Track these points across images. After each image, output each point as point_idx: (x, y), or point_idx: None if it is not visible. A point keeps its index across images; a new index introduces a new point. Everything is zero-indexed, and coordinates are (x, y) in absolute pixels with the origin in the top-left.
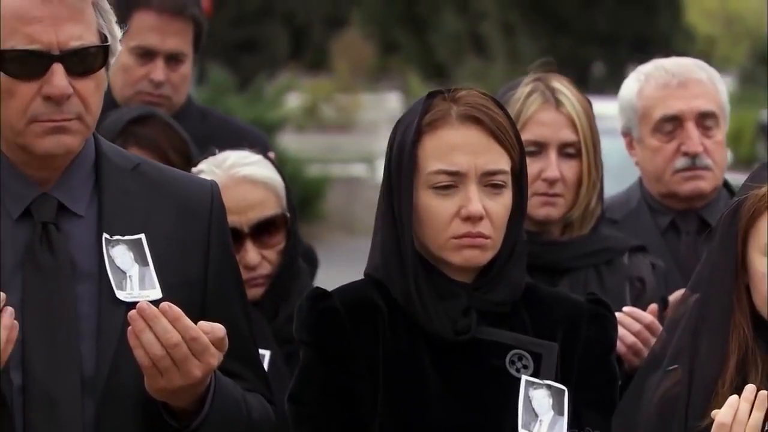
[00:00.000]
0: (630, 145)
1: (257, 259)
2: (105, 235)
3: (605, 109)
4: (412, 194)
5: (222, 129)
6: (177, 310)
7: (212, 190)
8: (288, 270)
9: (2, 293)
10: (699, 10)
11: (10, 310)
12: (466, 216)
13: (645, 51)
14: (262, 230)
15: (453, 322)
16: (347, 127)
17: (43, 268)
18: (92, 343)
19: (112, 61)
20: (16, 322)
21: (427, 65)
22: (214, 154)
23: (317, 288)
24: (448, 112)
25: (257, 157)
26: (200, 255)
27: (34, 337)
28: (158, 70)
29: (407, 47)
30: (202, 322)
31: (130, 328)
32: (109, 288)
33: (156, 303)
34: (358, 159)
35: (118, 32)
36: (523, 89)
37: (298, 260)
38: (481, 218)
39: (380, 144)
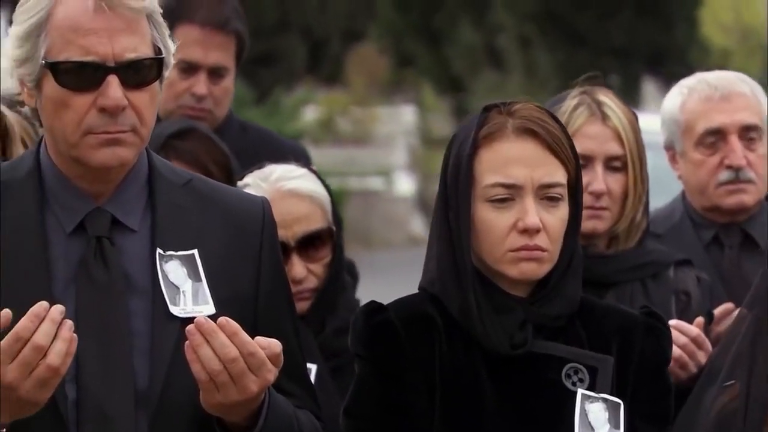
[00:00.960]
0: (673, 159)
1: (303, 273)
2: (158, 250)
3: None
4: (469, 208)
5: (262, 142)
6: (234, 325)
7: (264, 206)
8: (334, 283)
9: (61, 306)
10: (714, 23)
11: (69, 323)
12: (523, 229)
13: (661, 64)
14: (308, 244)
15: (509, 336)
16: (363, 140)
17: (96, 282)
18: (146, 358)
19: (166, 73)
20: (74, 335)
21: (443, 78)
22: (260, 167)
23: (372, 302)
24: (505, 125)
25: (303, 171)
26: (252, 271)
27: (88, 351)
28: (201, 84)
29: (422, 60)
30: (258, 338)
31: (187, 342)
32: (162, 303)
33: (210, 319)
34: (374, 172)
35: (172, 45)
36: (570, 102)
37: (344, 274)
38: (538, 231)
39: (397, 157)
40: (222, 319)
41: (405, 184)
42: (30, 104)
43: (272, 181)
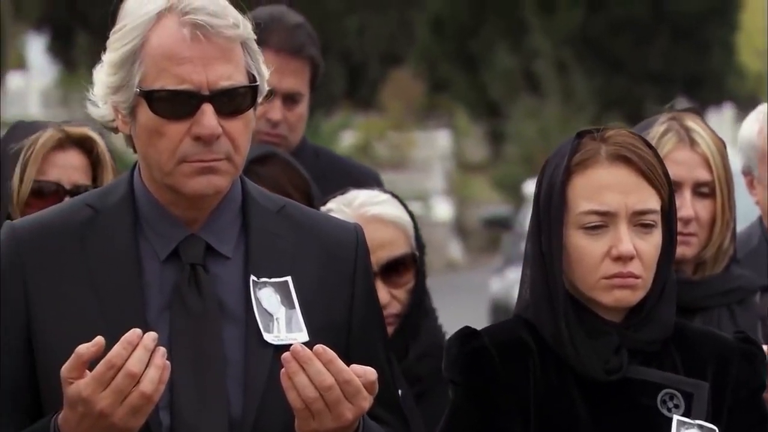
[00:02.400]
0: (750, 185)
1: (387, 299)
2: (252, 277)
3: None
4: (562, 234)
5: (334, 167)
6: (331, 352)
7: (357, 232)
8: (417, 309)
9: (154, 333)
10: (750, 49)
11: (162, 350)
12: (617, 256)
13: (697, 89)
14: (392, 270)
15: (604, 362)
16: (400, 165)
17: (190, 309)
18: (239, 386)
19: (260, 100)
20: (168, 362)
21: (478, 103)
22: (343, 192)
23: (467, 327)
24: (598, 151)
25: (386, 196)
26: (345, 298)
27: (181, 378)
28: (275, 110)
29: (457, 85)
30: (354, 365)
31: (283, 370)
32: (256, 330)
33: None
34: (412, 197)
35: (266, 72)
36: (658, 128)
37: (426, 299)
38: (631, 258)
39: (433, 182)
40: (318, 347)
41: (442, 209)
42: (124, 131)
43: (356, 207)
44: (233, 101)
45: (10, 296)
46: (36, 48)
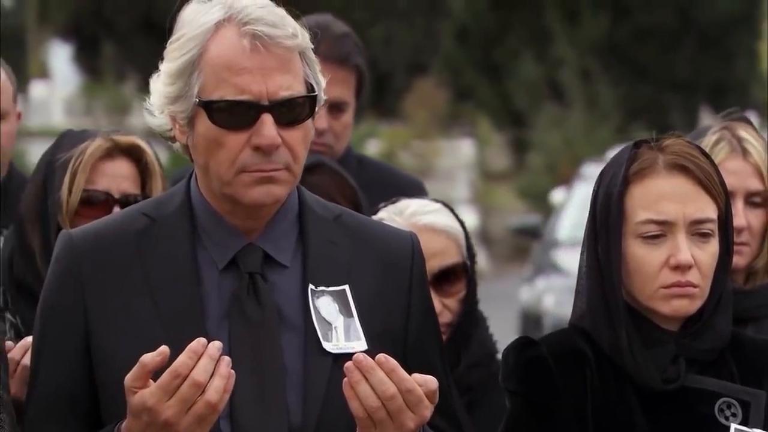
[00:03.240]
0: None
1: (438, 308)
2: (311, 286)
3: None
4: (620, 244)
5: (379, 176)
6: (393, 361)
7: (413, 241)
8: (468, 318)
9: (219, 342)
10: None
11: (227, 359)
12: (675, 265)
13: (721, 98)
14: (444, 279)
15: (661, 371)
16: (425, 173)
17: (249, 318)
18: (299, 394)
19: (318, 110)
20: (232, 371)
21: (502, 112)
22: (394, 201)
23: (523, 336)
24: (656, 161)
25: (437, 205)
26: (402, 306)
27: (241, 387)
28: (321, 119)
29: (481, 94)
30: (415, 374)
31: (346, 379)
32: (315, 339)
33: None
34: None
35: (323, 81)
36: (710, 138)
37: (477, 309)
38: (690, 267)
39: (458, 191)
40: (380, 356)
41: (467, 218)
42: (181, 141)
43: (408, 216)
44: (292, 111)
45: (67, 305)
46: (60, 57)
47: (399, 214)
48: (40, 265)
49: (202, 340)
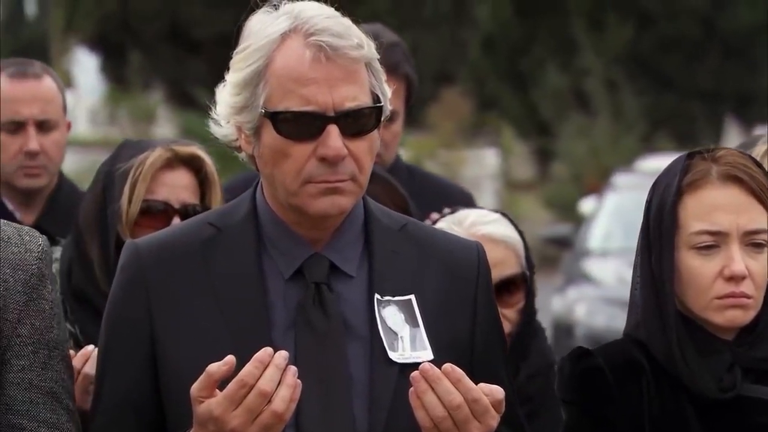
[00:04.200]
0: None
1: None
2: (376, 296)
3: None
4: (673, 255)
5: (428, 186)
6: (459, 371)
7: (479, 251)
8: (527, 328)
9: (285, 352)
10: None
11: (293, 369)
12: (729, 276)
13: (747, 108)
14: (503, 289)
15: (717, 380)
16: None
17: (315, 328)
18: (364, 404)
19: (384, 120)
20: (299, 381)
21: (527, 121)
22: (453, 212)
23: (579, 347)
24: (709, 172)
25: (496, 216)
26: (468, 316)
27: (307, 396)
28: None
29: (506, 103)
30: (481, 384)
31: (412, 389)
32: (381, 349)
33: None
34: None
35: (388, 92)
36: (761, 147)
37: (536, 319)
38: (744, 278)
39: (483, 200)
40: (447, 366)
41: None
42: (247, 151)
43: (467, 226)
44: (358, 122)
45: (133, 315)
46: (85, 65)
47: (458, 224)
48: (99, 275)
49: (269, 349)
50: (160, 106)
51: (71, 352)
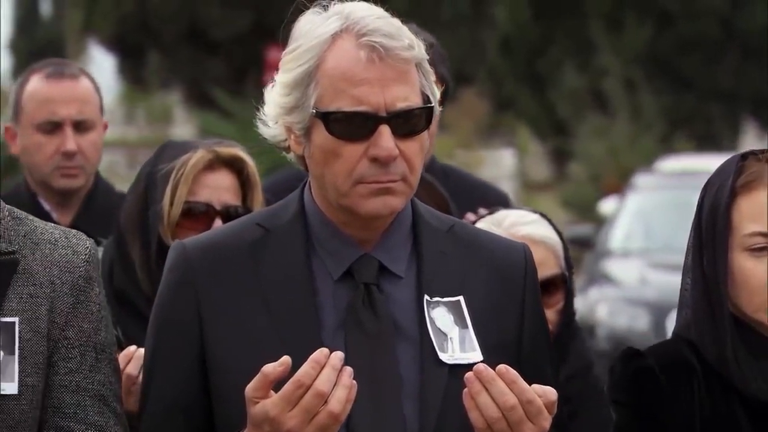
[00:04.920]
0: None
1: None
2: (426, 297)
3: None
4: (726, 256)
5: (465, 187)
6: (513, 372)
7: (525, 252)
8: (567, 329)
9: (341, 352)
10: None
11: (349, 369)
12: None
13: (766, 108)
14: (543, 290)
15: None
16: None
17: (365, 329)
18: (415, 404)
19: (434, 121)
20: (354, 382)
21: (546, 121)
22: (492, 212)
23: (630, 348)
24: (763, 173)
25: (536, 216)
26: (515, 317)
27: (358, 397)
28: None
29: (523, 104)
30: (535, 385)
31: (466, 389)
32: (430, 349)
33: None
34: None
35: (437, 92)
36: None
37: (575, 320)
38: None
39: None
40: (501, 367)
41: None
42: (297, 151)
43: (507, 226)
44: (409, 122)
45: (182, 316)
46: (102, 66)
47: (497, 225)
48: (141, 276)
49: (325, 350)
50: (176, 107)
51: None
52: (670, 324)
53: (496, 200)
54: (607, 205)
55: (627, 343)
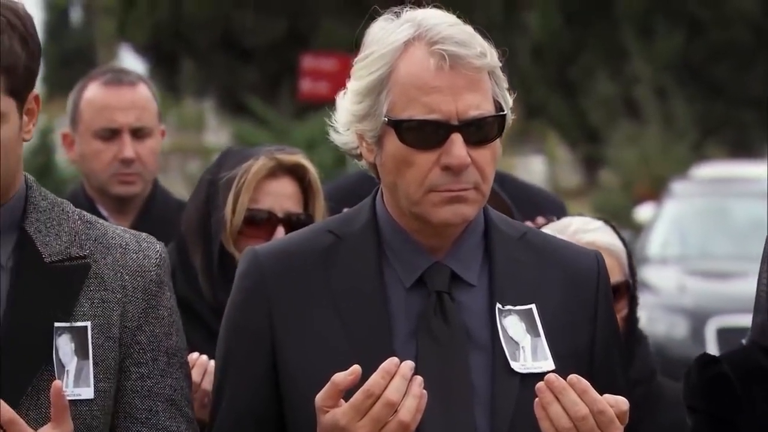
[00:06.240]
0: None
1: None
2: (498, 305)
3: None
4: None
5: (520, 194)
6: (585, 382)
7: (598, 260)
8: (631, 336)
9: (411, 362)
10: None
11: (419, 379)
12: None
13: None
14: None
15: None
16: None
17: (437, 337)
18: (486, 414)
19: (507, 129)
20: (424, 391)
21: (577, 129)
22: (545, 221)
23: (705, 354)
24: None
25: (599, 223)
26: (588, 326)
27: (429, 406)
28: None
29: (554, 111)
30: (607, 395)
31: (537, 399)
32: (502, 358)
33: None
34: None
35: (510, 99)
36: None
37: (639, 327)
38: None
39: None
40: (572, 377)
41: None
42: (369, 159)
43: (570, 234)
44: (481, 130)
45: (254, 323)
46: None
47: (561, 233)
48: (203, 283)
49: (395, 359)
50: (209, 114)
51: None
52: (709, 331)
53: (552, 207)
54: (642, 212)
55: (665, 351)
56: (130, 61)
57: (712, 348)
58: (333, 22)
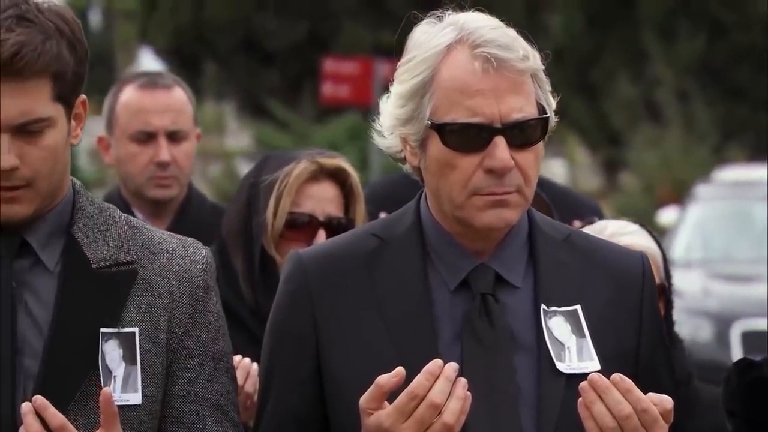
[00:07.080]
0: None
1: None
2: (543, 306)
3: None
4: None
5: (555, 196)
6: (628, 381)
7: (643, 261)
8: (668, 338)
9: (455, 364)
10: None
11: (463, 381)
12: None
13: None
14: None
15: None
16: None
17: (482, 339)
18: (532, 415)
19: (550, 132)
20: (468, 393)
21: (598, 131)
22: (590, 222)
23: (745, 358)
24: None
25: (635, 227)
26: (633, 327)
27: (474, 408)
28: None
29: (575, 113)
30: (650, 394)
31: (581, 399)
32: (548, 359)
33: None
34: None
35: (553, 102)
36: None
37: (674, 330)
38: None
39: None
40: (615, 376)
41: None
42: (412, 163)
43: (606, 237)
44: (524, 133)
45: (299, 326)
46: None
47: (598, 235)
48: (244, 287)
49: (439, 361)
50: (230, 117)
51: None
52: (734, 335)
53: (588, 209)
54: (666, 216)
55: (690, 355)
56: (150, 64)
57: (737, 352)
58: (354, 25)
